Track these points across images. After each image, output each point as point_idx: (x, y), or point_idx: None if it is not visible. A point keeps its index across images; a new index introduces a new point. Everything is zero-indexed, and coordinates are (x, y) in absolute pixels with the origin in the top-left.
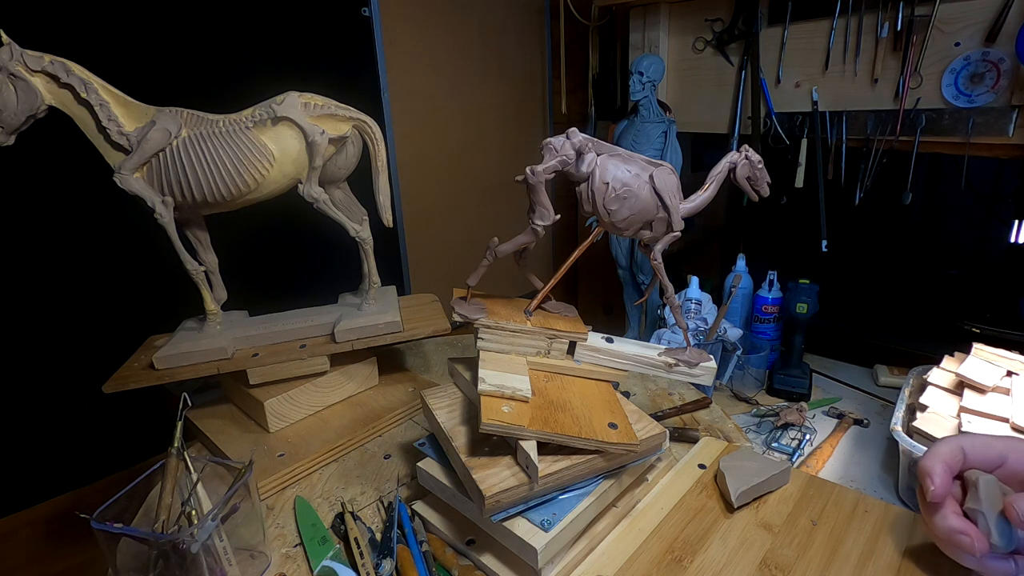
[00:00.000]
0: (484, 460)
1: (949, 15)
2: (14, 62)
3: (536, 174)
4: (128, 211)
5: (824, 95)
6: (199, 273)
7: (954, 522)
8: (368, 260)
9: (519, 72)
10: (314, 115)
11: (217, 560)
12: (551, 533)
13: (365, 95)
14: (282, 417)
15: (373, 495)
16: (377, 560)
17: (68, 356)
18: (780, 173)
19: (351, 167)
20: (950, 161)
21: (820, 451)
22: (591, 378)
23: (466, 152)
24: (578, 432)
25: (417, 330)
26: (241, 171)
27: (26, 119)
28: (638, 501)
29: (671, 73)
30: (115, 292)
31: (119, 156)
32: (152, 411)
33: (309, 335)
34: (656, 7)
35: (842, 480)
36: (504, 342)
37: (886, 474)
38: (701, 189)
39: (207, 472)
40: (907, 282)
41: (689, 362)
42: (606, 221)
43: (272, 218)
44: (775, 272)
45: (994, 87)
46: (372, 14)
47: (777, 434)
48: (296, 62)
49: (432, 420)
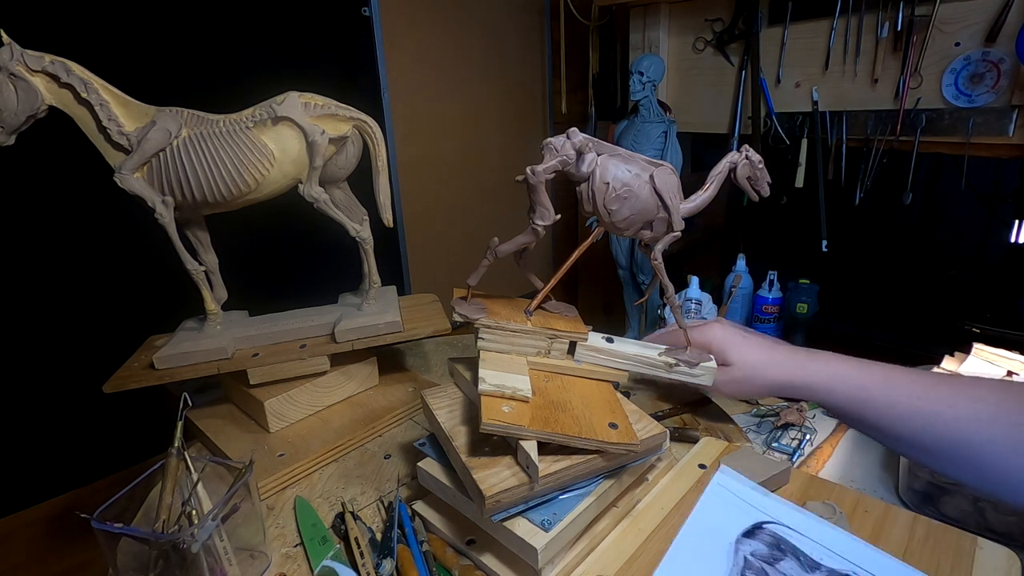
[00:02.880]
0: (484, 460)
1: (949, 15)
2: (14, 62)
3: (536, 174)
4: (128, 211)
5: (824, 95)
6: (199, 273)
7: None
8: (368, 260)
9: (519, 72)
10: (314, 115)
11: (217, 560)
12: (551, 533)
13: (365, 95)
14: (282, 417)
15: (373, 495)
16: (377, 560)
17: (68, 356)
18: (780, 173)
19: (351, 167)
20: (950, 161)
21: (820, 451)
22: (591, 378)
23: (466, 152)
24: (578, 432)
25: (417, 330)
26: (241, 171)
27: (26, 119)
28: (638, 501)
29: (671, 73)
30: (115, 292)
31: (119, 156)
32: (152, 411)
33: (309, 335)
34: (656, 7)
35: (842, 480)
36: (504, 342)
37: (886, 474)
38: (701, 189)
39: (207, 472)
40: (907, 282)
41: (689, 362)
42: (606, 221)
43: (272, 218)
44: (775, 272)
45: (994, 87)
46: (372, 14)
47: (777, 434)
48: (296, 62)
49: (432, 420)
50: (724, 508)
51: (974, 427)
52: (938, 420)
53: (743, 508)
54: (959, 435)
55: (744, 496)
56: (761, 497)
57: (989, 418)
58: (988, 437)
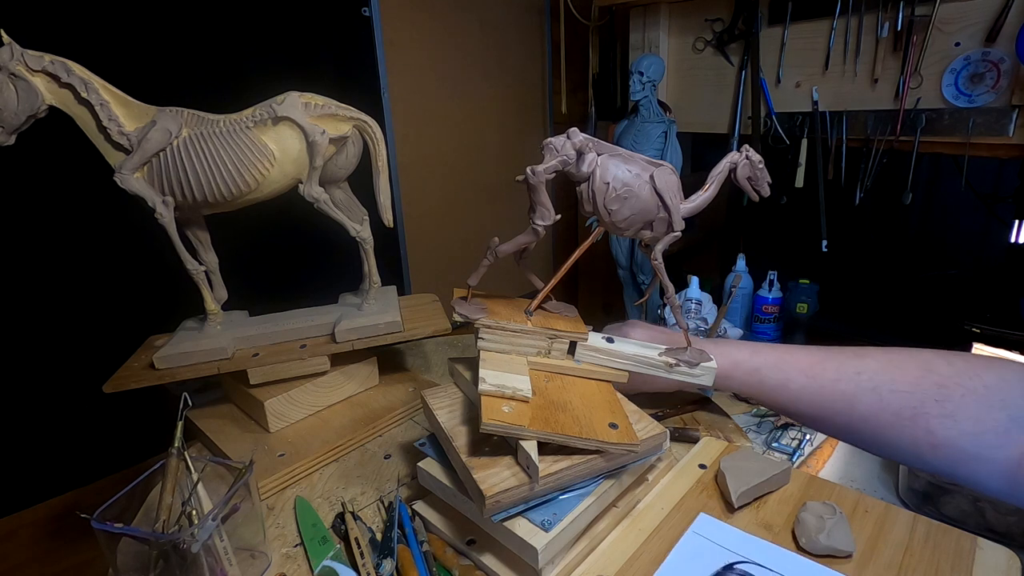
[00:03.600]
0: (484, 460)
1: (949, 15)
2: (14, 62)
3: (536, 174)
4: (128, 211)
5: (824, 95)
6: (199, 273)
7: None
8: (368, 260)
9: (519, 72)
10: (315, 115)
11: (217, 560)
12: (551, 533)
13: (365, 95)
14: (282, 417)
15: (373, 495)
16: (377, 560)
17: (68, 356)
18: (780, 173)
19: (351, 167)
20: (950, 161)
21: (820, 451)
22: (592, 378)
23: (466, 152)
24: (579, 432)
25: (417, 330)
26: (242, 171)
27: (26, 119)
28: (638, 501)
29: (671, 73)
30: (115, 292)
31: (119, 156)
32: (152, 411)
33: (309, 335)
34: (656, 7)
35: (842, 480)
36: (504, 342)
37: (886, 474)
38: (701, 189)
39: (207, 472)
40: (907, 282)
41: (689, 362)
42: (606, 221)
43: (272, 218)
44: (775, 272)
45: (994, 87)
46: (372, 14)
47: (777, 434)
48: (296, 62)
49: (432, 420)
50: (695, 555)
51: (859, 397)
52: (826, 393)
53: (715, 552)
54: (847, 406)
55: (719, 540)
56: (737, 540)
57: (871, 387)
58: (871, 406)
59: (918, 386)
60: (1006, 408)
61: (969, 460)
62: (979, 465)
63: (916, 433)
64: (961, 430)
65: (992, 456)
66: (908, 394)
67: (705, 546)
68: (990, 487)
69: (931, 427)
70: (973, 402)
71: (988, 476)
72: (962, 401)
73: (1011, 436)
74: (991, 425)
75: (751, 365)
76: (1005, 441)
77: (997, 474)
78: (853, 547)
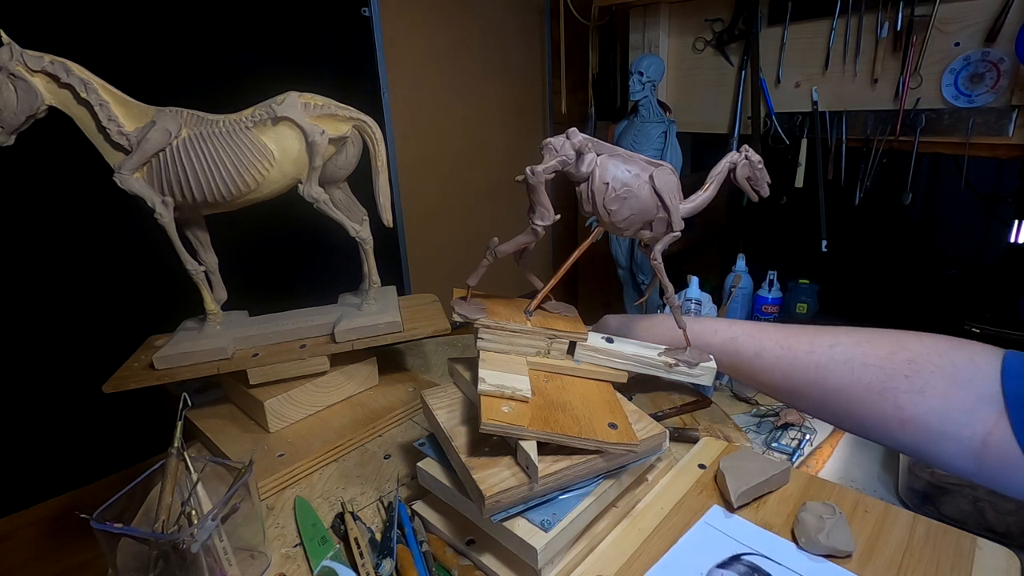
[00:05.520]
0: (484, 460)
1: (949, 15)
2: (14, 62)
3: (536, 174)
4: (128, 211)
5: (824, 95)
6: (199, 273)
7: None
8: (368, 260)
9: (519, 72)
10: (314, 115)
11: (217, 560)
12: (551, 533)
13: (365, 95)
14: (282, 417)
15: (373, 495)
16: (377, 560)
17: (68, 356)
18: (780, 173)
19: (351, 167)
20: (950, 161)
21: (820, 451)
22: (591, 378)
23: (466, 152)
24: (578, 432)
25: (417, 330)
26: (241, 171)
27: (26, 119)
28: (638, 501)
29: (671, 73)
30: (115, 292)
31: (119, 156)
32: (152, 411)
33: (309, 335)
34: (656, 7)
35: (842, 480)
36: (504, 342)
37: (886, 474)
38: (701, 189)
39: (207, 472)
40: (907, 282)
41: (689, 362)
42: (606, 221)
43: (272, 218)
44: (775, 272)
45: (994, 87)
46: (372, 14)
47: (777, 434)
48: (296, 62)
49: (432, 420)
50: (704, 543)
51: (831, 369)
52: (799, 364)
53: (724, 542)
54: (819, 377)
55: (729, 532)
56: (747, 532)
57: (843, 360)
58: (843, 379)
59: (889, 361)
60: (974, 388)
61: (936, 437)
62: (945, 443)
63: (885, 407)
64: (929, 406)
65: (958, 434)
66: (879, 368)
67: (715, 536)
68: (955, 466)
69: (899, 402)
70: (942, 379)
71: (954, 455)
72: (931, 378)
73: (977, 415)
74: (958, 403)
75: (728, 334)
76: (971, 419)
77: (963, 453)
78: (853, 547)
